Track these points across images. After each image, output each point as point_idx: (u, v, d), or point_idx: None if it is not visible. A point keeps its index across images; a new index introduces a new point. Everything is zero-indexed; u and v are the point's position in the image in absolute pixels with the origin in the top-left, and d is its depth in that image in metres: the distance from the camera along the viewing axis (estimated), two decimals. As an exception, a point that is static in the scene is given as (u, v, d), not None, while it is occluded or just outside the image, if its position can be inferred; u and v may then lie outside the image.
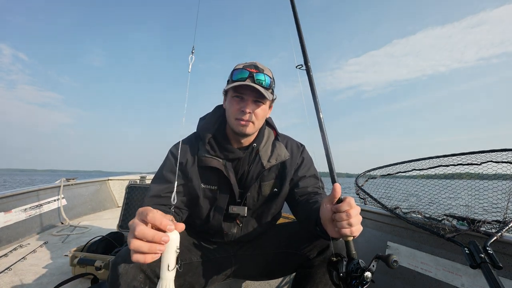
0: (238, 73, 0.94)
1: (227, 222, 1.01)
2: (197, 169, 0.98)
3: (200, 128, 1.05)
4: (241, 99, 0.94)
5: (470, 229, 1.05)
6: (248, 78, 0.92)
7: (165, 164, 1.00)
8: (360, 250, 1.55)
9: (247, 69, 0.93)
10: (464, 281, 1.06)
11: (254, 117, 0.94)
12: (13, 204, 2.39)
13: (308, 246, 0.93)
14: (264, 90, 0.91)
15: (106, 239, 1.75)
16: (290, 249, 0.99)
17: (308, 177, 1.04)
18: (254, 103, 0.94)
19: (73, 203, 3.24)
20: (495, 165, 1.21)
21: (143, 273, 0.78)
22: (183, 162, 0.98)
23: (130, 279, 0.75)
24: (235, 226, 1.02)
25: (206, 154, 0.97)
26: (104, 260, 1.50)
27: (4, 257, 1.88)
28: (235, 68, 0.97)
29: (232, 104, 0.95)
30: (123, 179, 4.26)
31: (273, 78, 0.99)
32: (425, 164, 1.53)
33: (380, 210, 1.48)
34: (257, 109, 0.95)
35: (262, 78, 0.93)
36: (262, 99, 0.95)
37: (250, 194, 1.01)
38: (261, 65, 0.98)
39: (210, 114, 1.08)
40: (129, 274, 0.75)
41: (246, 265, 1.07)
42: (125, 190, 2.15)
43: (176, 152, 0.99)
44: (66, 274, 1.61)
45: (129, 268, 0.75)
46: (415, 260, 1.24)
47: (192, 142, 1.03)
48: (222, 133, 1.03)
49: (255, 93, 0.92)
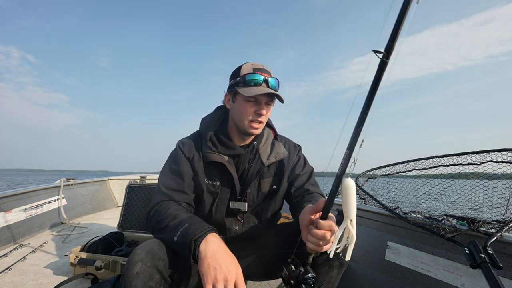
0: (251, 76, 0.95)
1: (229, 218, 1.04)
2: (202, 164, 1.01)
3: (202, 126, 1.08)
4: (256, 102, 0.97)
5: (470, 229, 1.05)
6: (264, 82, 0.95)
7: (178, 159, 1.01)
8: (360, 250, 1.55)
9: (260, 73, 0.95)
10: (464, 281, 1.06)
11: (265, 117, 0.99)
12: (13, 204, 2.39)
13: None
14: (280, 95, 0.96)
15: (106, 239, 1.75)
16: (291, 249, 0.99)
17: (302, 175, 1.08)
18: (266, 105, 0.98)
19: (73, 203, 3.24)
20: (495, 165, 1.22)
21: (160, 273, 0.77)
22: (190, 157, 1.01)
23: (147, 278, 0.74)
24: (237, 222, 1.05)
25: (209, 150, 1.01)
26: (104, 260, 1.50)
27: (4, 257, 1.88)
28: (245, 70, 0.98)
29: (246, 108, 0.97)
30: (123, 179, 4.27)
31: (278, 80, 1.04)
32: (425, 164, 1.53)
33: (380, 210, 1.48)
34: (268, 111, 1.00)
35: (274, 82, 0.97)
36: (273, 102, 1.00)
37: (250, 191, 1.04)
38: (267, 67, 1.01)
39: (211, 114, 1.11)
40: (146, 273, 0.74)
41: (248, 265, 1.07)
42: (125, 190, 2.15)
43: (184, 147, 1.03)
44: (66, 274, 1.61)
45: (146, 267, 0.75)
46: (415, 260, 1.25)
47: (196, 139, 1.06)
48: (224, 131, 1.06)
49: (269, 97, 0.97)
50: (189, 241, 0.74)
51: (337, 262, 0.90)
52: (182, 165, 1.00)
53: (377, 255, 1.43)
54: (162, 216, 0.86)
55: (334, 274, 0.92)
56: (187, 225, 0.79)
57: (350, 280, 1.53)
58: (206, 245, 0.74)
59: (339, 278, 0.95)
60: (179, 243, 0.77)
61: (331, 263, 0.90)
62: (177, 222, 0.82)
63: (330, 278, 0.92)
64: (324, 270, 0.91)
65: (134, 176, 4.24)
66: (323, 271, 0.91)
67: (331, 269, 0.91)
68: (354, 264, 1.55)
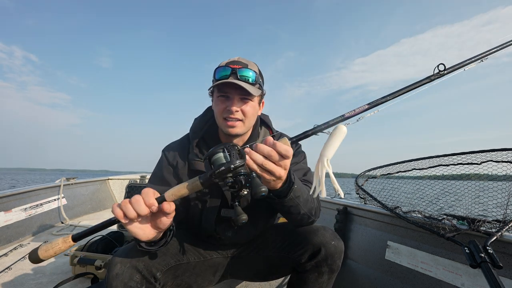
0: (220, 71, 0.89)
1: (222, 225, 0.99)
2: (187, 172, 0.96)
3: (190, 130, 1.03)
4: (226, 98, 0.89)
5: (470, 228, 1.05)
6: (231, 75, 0.87)
7: (162, 166, 0.98)
8: (360, 250, 1.55)
9: (229, 66, 0.88)
10: (464, 281, 1.06)
11: (242, 115, 0.90)
12: (13, 203, 2.39)
13: (300, 250, 0.92)
14: (249, 86, 0.86)
15: (106, 239, 1.75)
16: (282, 252, 0.98)
17: (297, 170, 0.99)
18: (241, 100, 0.90)
19: (73, 203, 3.24)
20: (495, 164, 1.21)
21: (140, 273, 0.77)
22: (174, 164, 0.96)
23: (126, 279, 0.75)
24: (230, 229, 1.01)
25: (196, 158, 0.95)
26: (104, 260, 1.50)
27: (4, 256, 1.88)
28: (218, 66, 0.92)
29: (218, 104, 0.91)
30: (123, 179, 4.26)
31: (259, 72, 0.95)
32: (425, 163, 1.53)
33: (380, 209, 1.48)
34: (245, 107, 0.90)
35: (247, 73, 0.88)
36: (249, 96, 0.90)
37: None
38: (245, 59, 0.93)
39: (200, 116, 1.05)
40: (125, 274, 0.75)
41: (242, 267, 1.07)
42: (125, 190, 2.15)
43: (169, 154, 0.98)
44: (66, 274, 1.61)
45: (125, 268, 0.76)
46: (415, 259, 1.25)
47: (184, 144, 1.01)
48: (213, 135, 1.01)
49: (240, 91, 0.87)
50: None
51: (326, 268, 0.88)
52: (164, 172, 0.96)
53: (377, 254, 1.43)
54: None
55: (324, 280, 0.90)
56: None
57: (350, 280, 1.54)
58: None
59: (330, 283, 0.93)
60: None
61: (320, 269, 0.88)
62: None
63: (321, 285, 0.90)
64: (313, 277, 0.89)
65: (134, 175, 4.23)
66: (312, 277, 0.89)
67: (321, 275, 0.89)
68: (354, 263, 1.56)
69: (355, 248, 1.60)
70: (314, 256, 0.89)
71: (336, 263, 0.88)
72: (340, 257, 0.90)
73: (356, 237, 1.62)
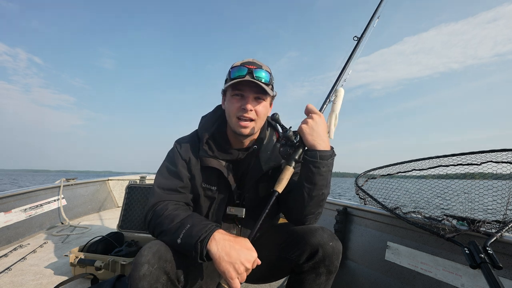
0: (236, 70, 0.91)
1: (226, 223, 1.01)
2: (199, 167, 0.98)
3: (200, 127, 1.04)
4: (241, 96, 0.92)
5: (470, 229, 1.05)
6: (247, 74, 0.90)
7: (176, 160, 0.99)
8: (360, 250, 1.55)
9: (245, 66, 0.91)
10: (464, 281, 1.06)
11: (255, 115, 0.93)
12: (13, 204, 2.39)
13: (297, 250, 0.92)
14: (265, 85, 0.90)
15: (106, 239, 1.75)
16: (281, 253, 0.98)
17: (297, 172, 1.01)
18: (255, 100, 0.92)
19: (73, 203, 3.24)
20: (495, 165, 1.21)
21: (167, 275, 0.76)
22: (187, 160, 0.98)
23: (153, 280, 0.73)
24: (234, 227, 1.02)
25: (206, 155, 0.97)
26: (104, 260, 1.50)
27: (4, 257, 1.88)
28: (233, 66, 0.95)
29: (232, 103, 0.93)
30: (123, 179, 4.26)
31: (271, 74, 0.98)
32: (425, 164, 1.53)
33: (380, 210, 1.48)
34: (259, 106, 0.93)
35: (262, 74, 0.91)
36: (264, 96, 0.93)
37: (248, 196, 1.01)
38: (259, 61, 0.97)
39: (210, 114, 1.07)
40: (153, 275, 0.73)
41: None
42: (125, 190, 2.14)
43: (181, 149, 1.00)
44: (66, 274, 1.62)
45: (153, 269, 0.74)
46: (415, 260, 1.24)
47: (194, 140, 1.02)
48: (222, 133, 1.02)
49: (256, 90, 0.91)
50: (195, 243, 0.74)
51: (323, 269, 0.88)
52: (179, 166, 0.97)
53: (377, 255, 1.43)
54: (160, 219, 0.85)
55: (322, 282, 0.90)
56: (190, 226, 0.79)
57: (350, 281, 1.54)
58: (217, 244, 0.74)
59: (329, 285, 0.93)
60: (183, 244, 0.76)
61: (317, 270, 0.88)
62: (178, 224, 0.81)
63: (319, 286, 0.90)
64: (311, 278, 0.89)
65: (134, 176, 4.23)
66: (309, 278, 0.89)
67: (318, 276, 0.89)
68: (354, 264, 1.55)
69: (355, 248, 1.60)
70: (311, 257, 0.89)
71: (334, 264, 0.88)
72: (338, 258, 0.89)
73: (356, 237, 1.62)
